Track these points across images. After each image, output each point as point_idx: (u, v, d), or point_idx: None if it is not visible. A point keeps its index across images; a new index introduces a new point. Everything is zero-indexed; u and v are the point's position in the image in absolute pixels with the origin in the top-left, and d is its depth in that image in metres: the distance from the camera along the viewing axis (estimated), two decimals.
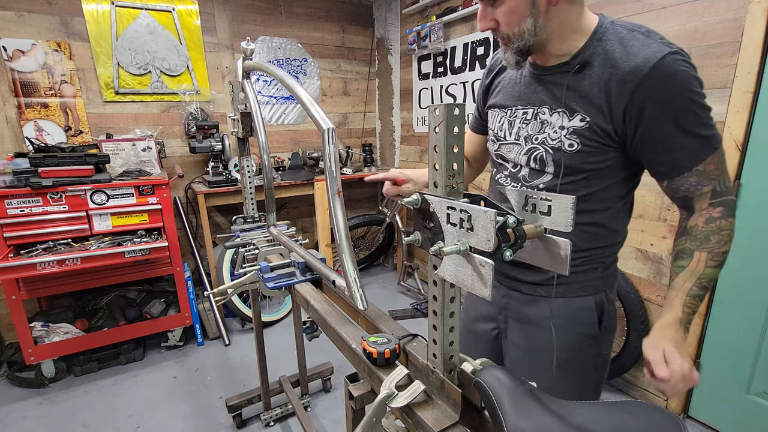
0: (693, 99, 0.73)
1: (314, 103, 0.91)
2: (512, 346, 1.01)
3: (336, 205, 0.85)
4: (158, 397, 2.14)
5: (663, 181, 0.82)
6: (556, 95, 0.84)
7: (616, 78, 0.75)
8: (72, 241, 2.20)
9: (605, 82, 0.76)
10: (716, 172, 0.76)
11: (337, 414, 2.02)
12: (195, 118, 2.85)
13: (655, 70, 0.72)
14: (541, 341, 0.94)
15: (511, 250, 0.55)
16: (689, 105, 0.73)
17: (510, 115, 0.94)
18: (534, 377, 0.96)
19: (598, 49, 0.78)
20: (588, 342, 0.93)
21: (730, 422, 1.77)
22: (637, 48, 0.74)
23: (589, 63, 0.78)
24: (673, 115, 0.73)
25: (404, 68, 3.36)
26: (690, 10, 1.62)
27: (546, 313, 0.93)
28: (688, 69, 0.73)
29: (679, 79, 0.72)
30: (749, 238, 1.61)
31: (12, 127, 2.43)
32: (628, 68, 0.74)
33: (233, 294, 1.42)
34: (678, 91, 0.72)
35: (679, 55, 0.72)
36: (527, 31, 0.78)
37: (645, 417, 0.50)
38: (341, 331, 0.86)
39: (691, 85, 0.72)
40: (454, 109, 0.53)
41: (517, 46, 0.81)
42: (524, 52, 0.82)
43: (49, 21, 2.42)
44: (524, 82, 0.91)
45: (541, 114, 0.87)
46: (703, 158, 0.75)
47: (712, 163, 0.76)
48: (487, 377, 0.57)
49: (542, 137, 0.86)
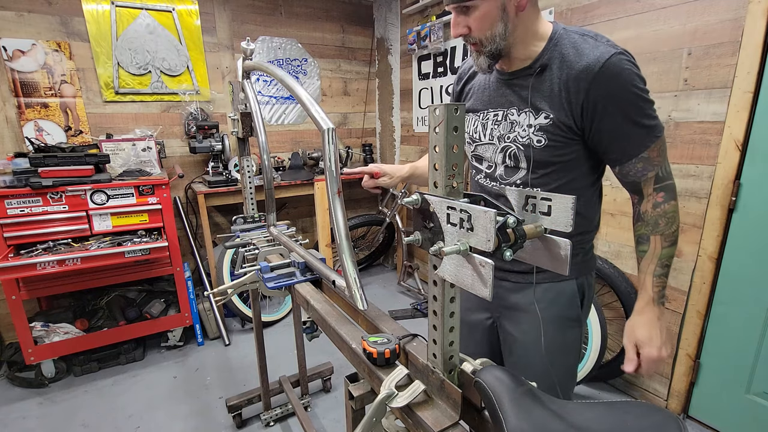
0: (637, 93, 0.82)
1: (314, 103, 0.91)
2: (506, 334, 1.08)
3: (336, 205, 0.85)
4: (158, 397, 2.14)
5: (615, 167, 0.90)
6: (522, 97, 0.92)
7: (572, 77, 0.84)
8: (72, 241, 2.20)
9: (564, 82, 0.85)
10: (658, 159, 0.87)
11: (337, 414, 2.02)
12: (195, 118, 2.85)
13: (604, 69, 0.81)
14: (531, 326, 1.01)
15: (511, 250, 0.55)
16: (634, 99, 0.82)
17: (482, 118, 1.01)
18: (528, 361, 1.03)
19: (555, 53, 0.87)
20: (571, 323, 1.01)
21: (730, 422, 1.77)
22: (588, 50, 0.83)
23: (548, 65, 0.87)
24: (622, 108, 0.83)
25: (404, 68, 3.36)
26: (690, 10, 1.62)
27: (530, 299, 1.00)
28: (632, 67, 0.82)
29: (624, 76, 0.81)
30: (749, 238, 1.61)
31: (12, 127, 2.43)
32: (581, 68, 0.83)
33: (233, 294, 1.42)
34: (624, 87, 0.82)
35: (624, 55, 0.82)
36: (498, 35, 0.86)
37: (645, 417, 0.50)
38: (341, 331, 0.86)
39: (635, 81, 0.82)
40: (454, 109, 0.53)
41: (489, 50, 0.88)
42: (495, 56, 0.89)
43: (49, 21, 2.42)
44: (492, 87, 0.99)
45: (510, 115, 0.95)
46: (648, 145, 0.85)
47: (655, 150, 0.86)
48: (487, 377, 0.57)
49: (513, 135, 0.94)
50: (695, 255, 1.74)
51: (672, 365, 1.88)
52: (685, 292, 1.80)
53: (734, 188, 1.61)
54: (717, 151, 1.62)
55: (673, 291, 1.84)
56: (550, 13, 2.11)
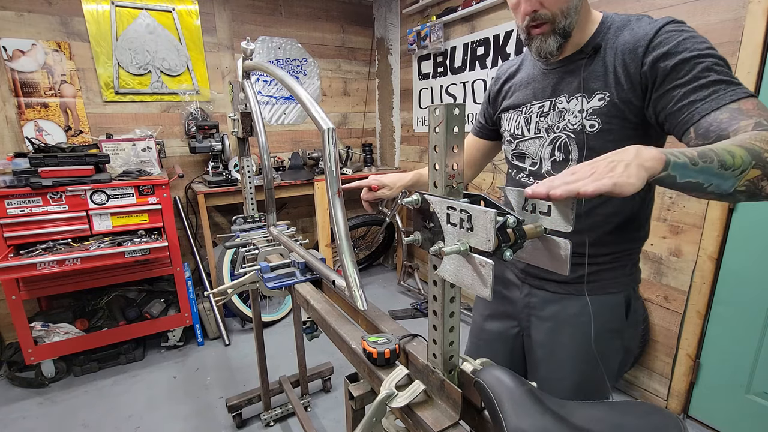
0: (705, 48, 0.71)
1: (314, 103, 0.91)
2: (536, 344, 1.01)
3: (336, 205, 0.85)
4: (158, 397, 2.14)
5: (689, 128, 0.70)
6: (572, 82, 0.86)
7: (627, 50, 0.78)
8: (72, 241, 2.20)
9: (620, 58, 0.79)
10: (756, 111, 0.65)
11: (337, 414, 2.02)
12: (195, 118, 2.85)
13: (661, 32, 0.75)
14: (568, 338, 0.95)
15: (511, 250, 0.55)
16: (704, 52, 0.71)
17: (525, 113, 0.95)
18: (559, 375, 0.98)
19: (608, 35, 0.82)
20: (614, 335, 0.94)
21: (730, 422, 1.77)
22: (643, 25, 0.78)
23: (601, 46, 0.82)
24: (689, 61, 0.71)
25: (404, 68, 3.36)
26: (690, 10, 1.62)
27: (573, 310, 0.93)
28: (692, 31, 0.74)
29: (685, 35, 0.73)
30: (749, 238, 1.61)
31: (12, 127, 2.43)
32: (637, 38, 0.77)
33: (233, 294, 1.42)
34: (687, 44, 0.72)
35: (681, 23, 0.76)
36: (573, 8, 0.80)
37: (645, 417, 0.50)
38: (341, 331, 0.86)
39: (699, 39, 0.73)
40: (454, 109, 0.53)
41: (563, 26, 0.81)
42: (566, 34, 0.82)
43: (49, 21, 2.42)
44: (537, 80, 0.93)
45: (558, 104, 0.88)
46: (736, 99, 0.67)
47: (750, 103, 0.66)
48: (487, 377, 0.57)
49: (562, 125, 0.87)
50: (695, 255, 1.74)
51: (672, 365, 1.88)
52: (685, 292, 1.80)
53: None
54: None
55: (673, 291, 1.84)
56: None
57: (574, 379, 0.95)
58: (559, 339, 0.96)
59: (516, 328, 1.07)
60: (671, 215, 1.80)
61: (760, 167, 0.58)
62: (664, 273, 1.86)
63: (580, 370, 0.95)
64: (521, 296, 1.03)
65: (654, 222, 1.86)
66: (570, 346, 0.95)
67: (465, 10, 2.59)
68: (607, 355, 0.95)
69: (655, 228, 1.86)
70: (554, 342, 0.97)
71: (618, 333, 0.94)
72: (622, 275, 0.92)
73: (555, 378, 0.98)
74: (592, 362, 0.92)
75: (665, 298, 1.87)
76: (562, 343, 0.96)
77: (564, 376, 0.97)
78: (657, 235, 1.86)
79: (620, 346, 0.96)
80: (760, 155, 0.58)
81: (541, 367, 1.01)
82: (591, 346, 0.90)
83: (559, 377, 0.97)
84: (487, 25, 2.53)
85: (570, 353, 0.95)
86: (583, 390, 0.96)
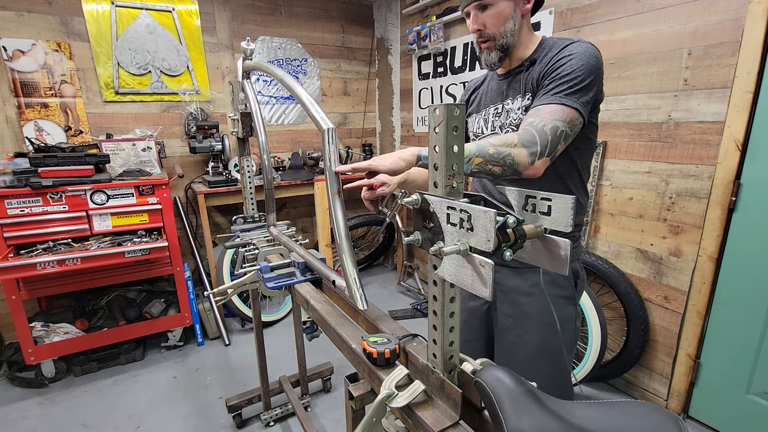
0: (572, 68, 0.94)
1: (314, 103, 0.91)
2: (502, 316, 1.17)
3: (336, 205, 0.85)
4: (158, 397, 2.14)
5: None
6: (515, 87, 1.07)
7: (544, 63, 1.01)
8: (72, 241, 2.20)
9: (542, 67, 1.01)
10: (545, 115, 0.91)
11: (337, 414, 2.02)
12: (195, 118, 2.85)
13: (565, 48, 0.98)
14: (529, 306, 1.11)
15: (511, 250, 0.55)
16: (567, 71, 0.94)
17: (484, 114, 1.16)
18: (523, 339, 1.12)
19: (543, 53, 1.03)
20: (567, 301, 1.12)
21: (730, 422, 1.77)
22: (559, 46, 1.01)
23: (536, 60, 1.03)
24: (555, 72, 0.96)
25: (404, 68, 3.36)
26: (690, 10, 1.62)
27: (531, 281, 1.10)
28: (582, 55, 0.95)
29: (571, 58, 0.95)
30: (749, 238, 1.61)
31: (12, 127, 2.43)
32: (551, 55, 1.00)
33: (233, 294, 1.42)
34: (565, 62, 0.95)
35: (588, 44, 0.97)
36: (509, 31, 1.03)
37: (645, 417, 0.50)
38: (341, 331, 0.86)
39: (578, 60, 0.94)
40: (454, 109, 0.53)
41: (501, 44, 1.04)
42: (505, 50, 1.05)
43: (49, 21, 2.41)
44: (492, 89, 1.15)
45: (506, 105, 1.09)
46: (543, 103, 0.93)
47: (549, 108, 0.92)
48: (487, 377, 0.57)
49: (509, 121, 1.08)
50: (695, 255, 1.74)
51: (672, 365, 1.88)
52: (685, 292, 1.80)
53: (734, 188, 1.61)
54: (717, 151, 1.62)
55: (673, 291, 1.84)
56: (551, 13, 2.11)
57: (538, 340, 1.11)
58: (523, 308, 1.12)
59: (485, 305, 1.24)
60: (671, 215, 1.80)
61: (482, 156, 0.83)
62: (664, 273, 1.86)
63: (543, 332, 1.10)
64: None
65: (654, 222, 1.86)
66: (532, 312, 1.11)
67: None
68: (565, 318, 1.11)
69: (655, 228, 1.86)
70: (519, 311, 1.13)
71: (571, 300, 1.12)
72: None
73: (522, 341, 1.13)
74: (552, 325, 1.09)
75: (665, 298, 1.87)
76: (525, 310, 1.12)
77: (529, 339, 1.12)
78: (657, 235, 1.86)
79: (573, 311, 1.13)
80: (486, 149, 0.84)
81: (508, 333, 1.16)
82: (550, 311, 1.08)
83: (525, 340, 1.13)
84: None
85: (533, 317, 1.11)
86: (546, 351, 1.11)
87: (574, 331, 1.15)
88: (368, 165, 0.83)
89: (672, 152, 1.76)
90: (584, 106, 0.93)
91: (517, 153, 0.86)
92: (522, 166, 0.87)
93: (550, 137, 0.88)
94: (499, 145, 0.85)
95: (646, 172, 1.85)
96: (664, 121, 1.76)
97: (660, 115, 1.77)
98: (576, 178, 1.08)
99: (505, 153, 0.85)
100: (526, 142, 0.87)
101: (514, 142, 0.87)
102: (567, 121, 0.91)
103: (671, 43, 1.69)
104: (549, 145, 0.88)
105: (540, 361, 1.11)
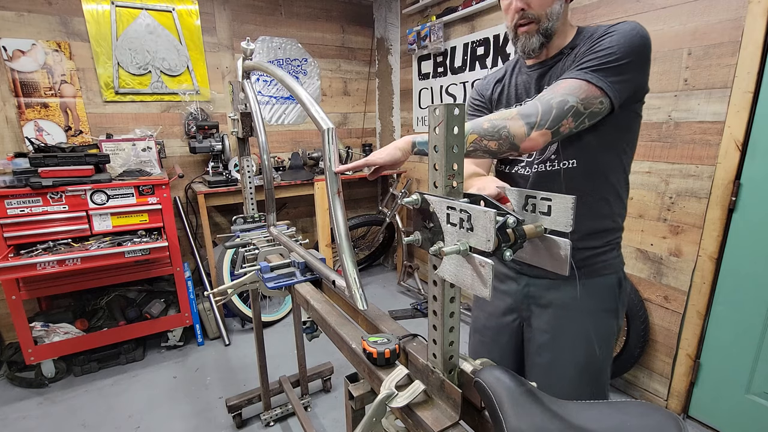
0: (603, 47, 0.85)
1: (314, 103, 0.91)
2: (538, 332, 1.06)
3: (336, 205, 0.85)
4: (158, 397, 2.14)
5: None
6: (552, 76, 0.96)
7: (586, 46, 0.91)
8: (72, 241, 2.20)
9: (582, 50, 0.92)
10: (558, 89, 0.84)
11: (337, 414, 2.02)
12: (195, 118, 2.85)
13: (608, 28, 0.88)
14: (569, 321, 1.02)
15: (511, 250, 0.55)
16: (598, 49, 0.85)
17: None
18: (562, 356, 1.04)
19: (583, 38, 0.94)
20: (610, 314, 1.03)
21: (730, 422, 1.77)
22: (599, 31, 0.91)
23: (576, 47, 0.94)
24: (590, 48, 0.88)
25: (404, 68, 3.36)
26: (690, 10, 1.62)
27: (571, 294, 1.00)
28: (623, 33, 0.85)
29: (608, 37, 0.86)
30: (749, 238, 1.61)
31: (12, 127, 2.43)
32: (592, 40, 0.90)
33: (233, 294, 1.42)
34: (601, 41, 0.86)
35: (635, 24, 0.86)
36: (555, 13, 0.91)
37: (645, 417, 0.50)
38: (341, 331, 0.86)
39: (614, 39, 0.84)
40: (454, 109, 0.53)
41: (546, 27, 0.92)
42: (549, 35, 0.93)
43: (49, 21, 2.41)
44: (521, 82, 1.04)
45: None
46: (564, 78, 0.86)
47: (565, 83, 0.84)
48: (487, 377, 0.57)
49: None
50: (695, 255, 1.74)
51: (672, 365, 1.88)
52: (685, 292, 1.80)
53: (734, 188, 1.61)
54: (717, 151, 1.62)
55: (673, 291, 1.84)
56: None
57: (579, 360, 1.01)
58: (561, 323, 1.03)
59: (517, 320, 1.12)
60: (671, 215, 1.80)
61: (477, 132, 0.79)
62: (664, 273, 1.86)
63: (583, 350, 1.01)
64: (519, 287, 1.08)
65: (654, 222, 1.86)
66: (572, 329, 1.02)
67: (465, 10, 2.59)
68: (607, 335, 1.02)
69: (655, 228, 1.86)
70: (557, 326, 1.03)
71: (614, 312, 1.03)
72: (611, 258, 1.01)
73: (560, 361, 1.03)
74: (593, 341, 1.00)
75: (665, 298, 1.87)
76: (565, 326, 1.02)
77: (568, 358, 1.02)
78: (657, 235, 1.86)
79: (615, 325, 1.04)
80: (480, 125, 0.80)
81: (544, 351, 1.05)
82: (591, 326, 1.00)
83: (564, 360, 1.02)
84: (487, 25, 2.53)
85: (574, 335, 1.02)
86: (589, 371, 1.02)
87: (613, 346, 1.07)
88: (366, 161, 0.82)
89: (672, 152, 1.76)
90: (612, 87, 0.82)
91: (512, 125, 0.79)
92: (518, 138, 0.80)
93: (555, 110, 0.80)
94: (495, 119, 0.80)
95: (646, 172, 1.85)
96: (664, 121, 1.76)
97: (660, 115, 1.77)
98: (620, 173, 0.98)
99: (500, 125, 0.79)
100: (524, 114, 0.80)
101: (512, 114, 0.81)
102: (582, 97, 0.81)
103: (671, 43, 1.69)
104: (551, 118, 0.80)
105: (581, 381, 1.02)
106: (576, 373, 1.02)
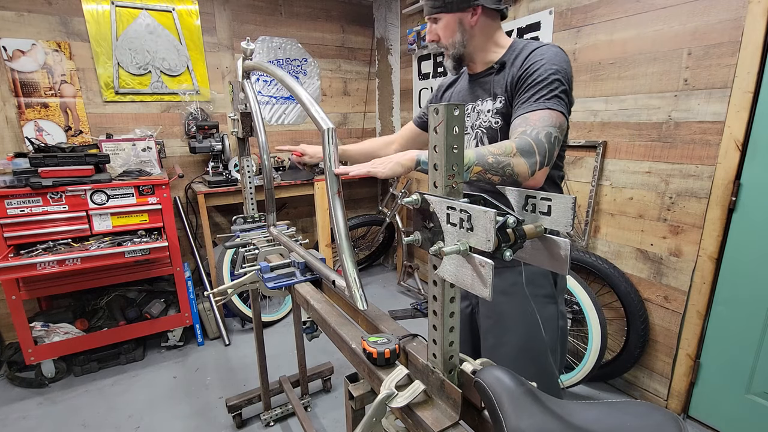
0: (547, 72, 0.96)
1: (314, 103, 0.91)
2: (484, 318, 1.19)
3: (336, 205, 0.85)
4: (158, 397, 2.14)
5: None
6: (486, 89, 1.11)
7: (517, 65, 1.02)
8: (72, 241, 2.20)
9: (515, 71, 1.03)
10: (535, 122, 0.93)
11: (337, 414, 2.02)
12: (195, 118, 2.85)
13: (535, 51, 1.00)
14: (509, 306, 1.12)
15: (511, 250, 0.55)
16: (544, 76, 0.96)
17: None
18: (504, 340, 1.20)
19: (513, 55, 1.06)
20: (547, 300, 1.12)
21: (730, 422, 1.77)
22: (537, 45, 1.03)
23: (506, 63, 1.06)
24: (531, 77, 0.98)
25: (404, 68, 3.36)
26: (690, 10, 1.62)
27: (510, 281, 1.11)
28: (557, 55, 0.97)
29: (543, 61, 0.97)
30: (749, 238, 1.61)
31: (12, 127, 2.43)
32: (525, 56, 1.02)
33: (233, 294, 1.42)
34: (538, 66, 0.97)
35: (558, 48, 0.99)
36: (457, 42, 1.09)
37: (645, 417, 0.50)
38: (341, 331, 0.86)
39: (552, 63, 0.96)
40: (454, 109, 0.53)
41: (452, 54, 1.11)
42: (458, 59, 1.12)
43: (49, 21, 2.41)
44: (464, 88, 1.20)
45: (477, 106, 1.13)
46: (530, 110, 0.94)
47: (537, 115, 0.93)
48: (487, 377, 0.57)
49: (479, 122, 1.12)
50: (695, 255, 1.74)
51: (672, 365, 1.88)
52: (685, 292, 1.80)
53: (734, 188, 1.61)
54: (717, 151, 1.62)
55: (673, 291, 1.84)
56: (550, 13, 2.10)
57: (519, 340, 1.11)
58: (502, 308, 1.14)
59: (469, 307, 1.25)
60: (671, 215, 1.80)
61: (482, 166, 0.82)
62: (664, 273, 1.86)
63: (523, 332, 1.11)
64: None
65: (654, 222, 1.86)
66: (511, 312, 1.12)
67: None
68: (546, 317, 1.10)
69: (655, 228, 1.86)
70: (499, 312, 1.14)
71: (551, 298, 1.12)
72: None
73: (502, 343, 1.14)
74: (533, 325, 1.09)
75: (665, 298, 1.87)
76: (504, 310, 1.13)
77: (510, 340, 1.13)
78: (657, 235, 1.86)
79: (556, 310, 1.13)
80: (485, 158, 0.82)
81: (489, 335, 1.17)
82: (531, 311, 1.08)
83: (505, 341, 1.13)
84: None
85: (512, 318, 1.12)
86: (529, 351, 1.11)
87: (557, 331, 1.14)
88: (367, 171, 0.84)
89: (672, 152, 1.76)
90: (567, 109, 0.95)
91: (516, 163, 0.85)
92: (522, 176, 0.87)
93: (547, 146, 0.88)
94: (498, 154, 0.84)
95: (646, 172, 1.85)
96: (664, 121, 1.77)
97: (660, 115, 1.77)
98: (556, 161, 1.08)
99: (504, 163, 0.84)
100: (524, 151, 0.86)
101: (513, 150, 0.86)
102: (557, 126, 0.92)
103: (671, 43, 1.69)
104: (547, 155, 0.89)
105: (522, 362, 1.11)
106: (517, 353, 1.12)
